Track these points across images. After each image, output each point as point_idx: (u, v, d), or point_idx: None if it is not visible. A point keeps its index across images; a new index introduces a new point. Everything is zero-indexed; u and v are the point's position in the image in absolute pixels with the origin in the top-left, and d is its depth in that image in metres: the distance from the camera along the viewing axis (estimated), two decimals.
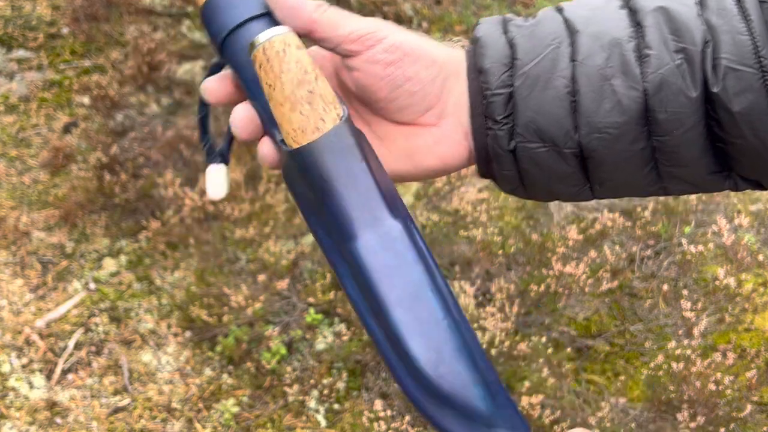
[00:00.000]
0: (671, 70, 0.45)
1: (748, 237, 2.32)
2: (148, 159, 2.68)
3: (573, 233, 2.33)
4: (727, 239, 2.29)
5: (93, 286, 2.37)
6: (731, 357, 2.07)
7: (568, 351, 2.17)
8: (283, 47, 0.42)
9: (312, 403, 2.06)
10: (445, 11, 3.58)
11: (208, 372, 2.16)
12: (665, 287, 2.30)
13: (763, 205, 2.60)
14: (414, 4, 3.60)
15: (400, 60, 0.47)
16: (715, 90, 0.44)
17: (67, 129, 2.92)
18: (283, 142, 0.44)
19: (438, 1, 3.68)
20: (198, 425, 2.04)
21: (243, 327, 2.16)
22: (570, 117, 0.47)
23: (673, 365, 2.03)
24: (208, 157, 0.55)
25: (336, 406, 2.07)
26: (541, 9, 0.54)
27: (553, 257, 2.27)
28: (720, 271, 2.25)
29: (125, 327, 2.27)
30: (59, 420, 2.04)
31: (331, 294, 2.17)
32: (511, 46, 0.51)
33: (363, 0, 3.54)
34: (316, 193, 0.42)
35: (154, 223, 2.43)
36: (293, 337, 2.15)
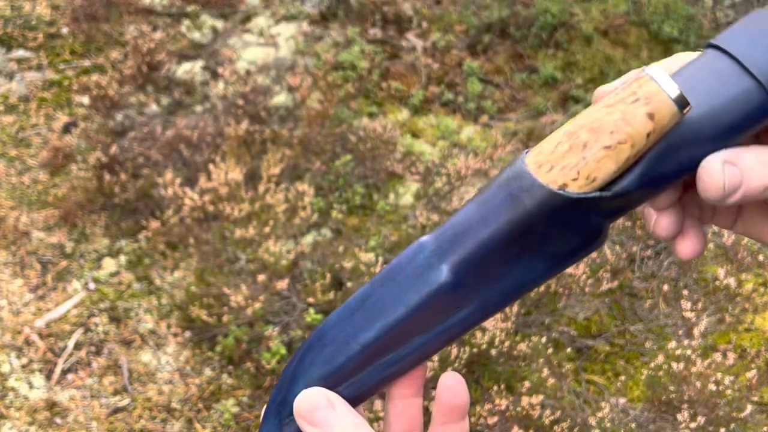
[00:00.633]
0: None
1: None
2: (147, 159, 2.67)
3: None
4: (728, 239, 2.28)
5: (92, 286, 2.37)
6: (731, 357, 2.07)
7: (568, 351, 2.17)
8: None
9: None
10: (445, 11, 3.58)
11: (208, 372, 2.16)
12: (665, 287, 2.30)
13: None
14: (414, 3, 3.60)
15: None
16: None
17: (66, 129, 2.92)
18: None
19: (438, 0, 3.68)
20: (198, 425, 2.04)
21: (243, 327, 2.16)
22: None
23: (674, 365, 2.03)
24: None
25: None
26: (541, 9, 0.52)
27: None
28: (720, 271, 2.25)
29: (125, 327, 2.27)
30: (59, 420, 2.04)
31: (330, 294, 2.16)
32: None
33: (363, 0, 3.54)
34: None
35: (154, 223, 2.43)
36: (293, 337, 2.15)
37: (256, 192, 2.45)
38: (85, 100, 3.03)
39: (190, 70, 3.17)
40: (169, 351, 2.22)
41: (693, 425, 1.90)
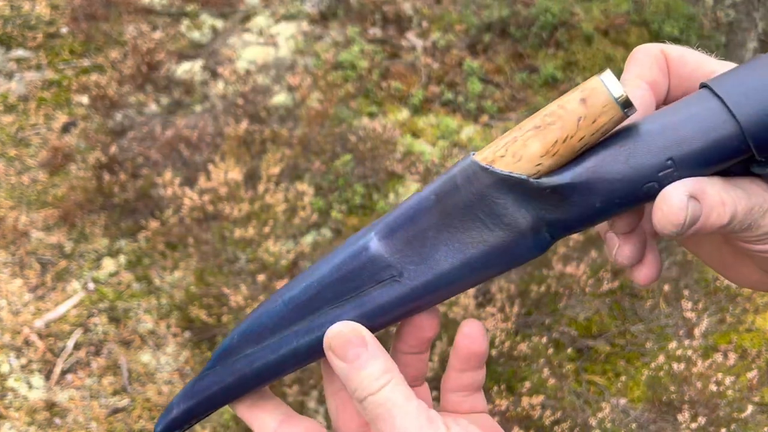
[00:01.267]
0: None
1: None
2: (147, 159, 2.67)
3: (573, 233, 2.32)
4: None
5: (92, 286, 2.37)
6: (732, 357, 2.07)
7: (568, 351, 2.17)
8: None
9: (312, 403, 2.06)
10: (445, 10, 3.58)
11: None
12: (666, 287, 2.29)
13: None
14: (414, 3, 3.60)
15: None
16: None
17: (66, 128, 2.92)
18: None
19: (438, 0, 3.68)
20: (197, 426, 2.04)
21: None
22: None
23: (674, 366, 2.02)
24: None
25: None
26: (541, 8, 0.51)
27: (554, 257, 2.27)
28: None
29: (124, 327, 2.27)
30: (58, 420, 2.04)
31: None
32: None
33: (363, 0, 3.53)
34: None
35: (154, 223, 2.43)
36: None
37: (255, 192, 2.44)
38: (85, 99, 3.02)
39: (189, 69, 3.16)
40: (168, 351, 2.22)
41: (694, 425, 1.89)
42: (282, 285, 0.47)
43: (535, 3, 3.42)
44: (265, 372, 0.44)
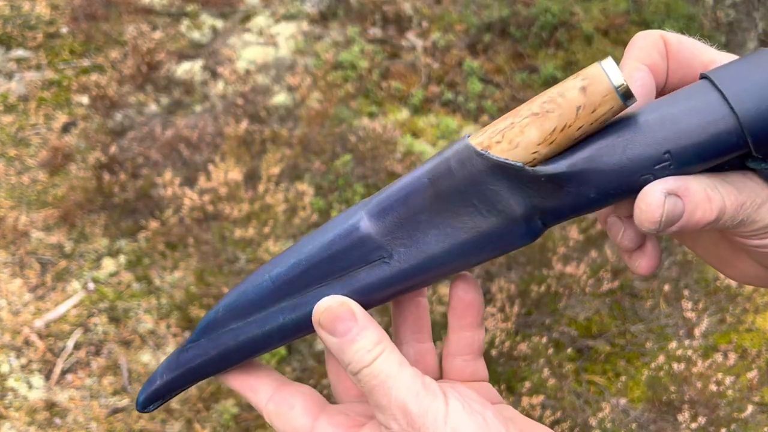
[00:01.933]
0: None
1: None
2: (147, 159, 2.67)
3: (574, 233, 2.32)
4: None
5: (92, 286, 2.37)
6: (732, 357, 2.07)
7: (568, 351, 2.17)
8: None
9: None
10: (445, 10, 3.57)
11: None
12: (666, 287, 2.29)
13: None
14: (414, 3, 3.59)
15: None
16: None
17: (66, 128, 2.92)
18: None
19: (438, 0, 3.68)
20: (197, 426, 2.04)
21: None
22: None
23: (674, 366, 2.02)
24: None
25: None
26: (541, 8, 0.51)
27: (554, 257, 2.27)
28: None
29: (124, 327, 2.27)
30: (58, 420, 2.04)
31: None
32: None
33: (363, 0, 3.53)
34: None
35: (154, 223, 2.43)
36: None
37: (255, 192, 2.44)
38: (85, 99, 3.02)
39: (189, 69, 3.16)
40: (168, 351, 2.22)
41: (694, 426, 1.89)
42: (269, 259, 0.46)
43: (535, 3, 3.42)
44: (251, 346, 0.44)
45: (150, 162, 2.66)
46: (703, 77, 0.39)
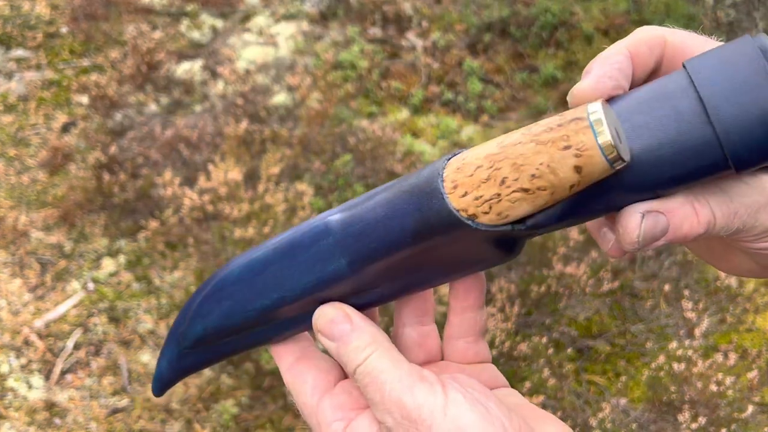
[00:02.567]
0: None
1: None
2: (147, 158, 2.67)
3: (574, 233, 2.32)
4: None
5: (92, 286, 2.37)
6: (732, 357, 2.07)
7: (568, 351, 2.16)
8: None
9: None
10: (445, 10, 3.57)
11: (207, 372, 2.15)
12: (666, 287, 2.29)
13: None
14: (414, 2, 3.59)
15: None
16: None
17: (65, 128, 2.92)
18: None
19: (438, 0, 3.67)
20: (197, 426, 2.03)
21: None
22: None
23: (675, 366, 2.02)
24: None
25: None
26: (541, 8, 0.50)
27: (554, 257, 2.26)
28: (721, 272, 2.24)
29: (124, 327, 2.27)
30: (58, 420, 2.03)
31: None
32: None
33: (363, 0, 3.53)
34: None
35: (153, 223, 2.43)
36: None
37: (255, 192, 2.44)
38: (85, 99, 3.02)
39: (189, 69, 3.16)
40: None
41: (694, 426, 1.89)
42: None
43: (536, 3, 3.42)
44: (250, 347, 0.47)
45: (150, 162, 2.65)
46: (684, 69, 0.37)
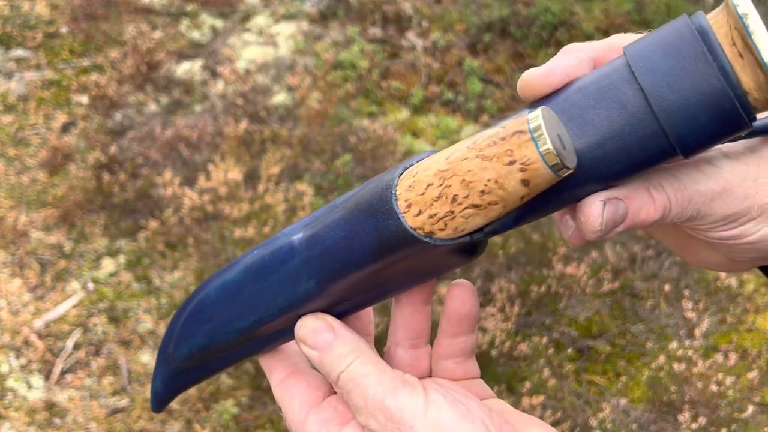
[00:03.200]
0: None
1: None
2: (147, 158, 2.67)
3: None
4: None
5: (91, 286, 2.37)
6: (733, 357, 2.07)
7: (569, 351, 2.16)
8: None
9: None
10: (445, 10, 3.57)
11: None
12: (667, 287, 2.29)
13: None
14: (414, 2, 3.59)
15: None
16: None
17: (65, 128, 2.92)
18: None
19: (438, 0, 3.67)
20: (197, 426, 2.03)
21: None
22: None
23: (675, 366, 2.02)
24: None
25: None
26: (541, 8, 0.50)
27: (554, 257, 2.26)
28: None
29: (124, 327, 2.27)
30: (58, 420, 2.03)
31: None
32: None
33: (363, 0, 3.53)
34: None
35: (153, 223, 2.43)
36: None
37: (255, 192, 2.44)
38: (84, 99, 3.02)
39: (189, 69, 3.16)
40: None
41: (694, 426, 1.89)
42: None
43: (536, 2, 3.42)
44: (240, 359, 0.48)
45: (150, 162, 2.65)
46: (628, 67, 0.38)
